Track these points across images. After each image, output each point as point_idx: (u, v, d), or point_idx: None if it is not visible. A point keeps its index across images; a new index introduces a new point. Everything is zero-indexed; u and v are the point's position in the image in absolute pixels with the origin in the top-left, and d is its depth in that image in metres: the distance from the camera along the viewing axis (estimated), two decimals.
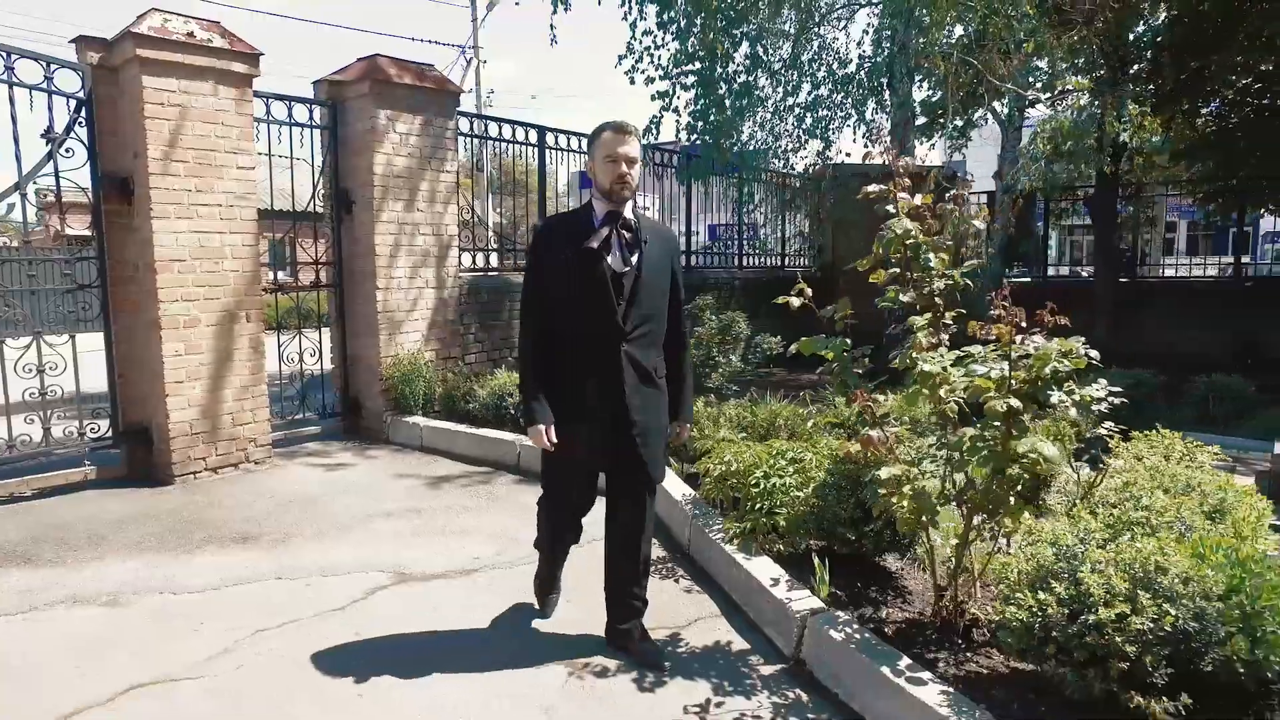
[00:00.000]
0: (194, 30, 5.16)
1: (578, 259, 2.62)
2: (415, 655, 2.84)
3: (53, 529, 4.20)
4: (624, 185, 2.64)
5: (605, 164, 2.64)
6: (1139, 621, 2.05)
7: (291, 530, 4.20)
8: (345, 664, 2.78)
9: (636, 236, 2.69)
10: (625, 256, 2.67)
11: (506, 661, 2.81)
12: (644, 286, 2.68)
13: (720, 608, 3.23)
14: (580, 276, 2.62)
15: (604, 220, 2.67)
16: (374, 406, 6.44)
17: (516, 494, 4.86)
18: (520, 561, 3.74)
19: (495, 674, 2.72)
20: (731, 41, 7.89)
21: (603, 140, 2.66)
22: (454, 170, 6.85)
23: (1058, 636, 2.14)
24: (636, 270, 2.67)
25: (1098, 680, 2.11)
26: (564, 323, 2.66)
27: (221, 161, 5.30)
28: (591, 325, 2.65)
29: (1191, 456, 3.76)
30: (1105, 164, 9.17)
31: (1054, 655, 2.18)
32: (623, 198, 2.66)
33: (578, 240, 2.64)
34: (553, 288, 2.67)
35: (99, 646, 2.91)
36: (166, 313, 5.07)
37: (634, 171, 2.67)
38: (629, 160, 2.65)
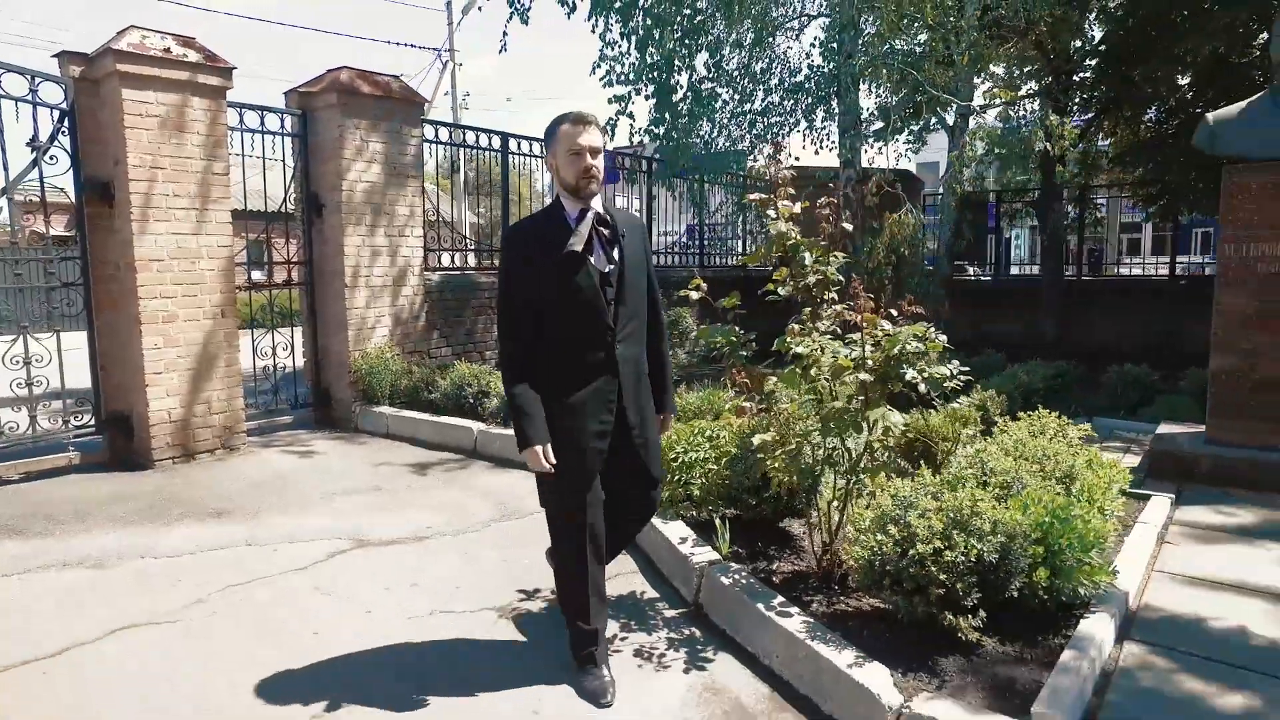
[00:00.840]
0: (170, 46, 5.54)
1: (559, 263, 2.48)
2: (366, 603, 3.27)
3: (40, 507, 4.58)
4: (590, 179, 2.52)
5: (569, 158, 2.51)
6: (951, 555, 2.51)
7: (262, 506, 4.60)
8: (303, 612, 3.20)
9: (614, 231, 2.59)
10: (607, 254, 2.57)
11: (442, 606, 3.23)
12: (629, 283, 2.60)
13: (639, 566, 3.68)
14: (564, 281, 2.48)
15: (579, 219, 2.54)
16: (343, 397, 6.84)
17: (471, 475, 5.29)
18: (466, 529, 4.17)
19: (434, 616, 3.15)
20: (688, 52, 8.34)
21: (562, 133, 2.54)
22: (419, 175, 7.26)
23: (890, 570, 2.60)
24: (620, 267, 2.58)
25: (921, 605, 2.58)
26: (550, 331, 2.52)
27: (197, 168, 5.68)
28: (581, 330, 2.53)
29: (1063, 433, 4.23)
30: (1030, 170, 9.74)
31: (889, 586, 2.64)
32: (591, 192, 2.54)
33: (554, 243, 2.49)
34: (533, 296, 2.51)
35: (85, 600, 3.31)
36: (146, 309, 5.44)
37: (598, 162, 2.54)
38: (593, 151, 2.52)
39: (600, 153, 2.56)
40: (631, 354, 2.63)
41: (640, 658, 2.83)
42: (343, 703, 2.51)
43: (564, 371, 2.54)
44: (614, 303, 2.57)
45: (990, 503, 2.70)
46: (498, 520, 4.35)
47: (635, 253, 2.65)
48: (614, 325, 2.56)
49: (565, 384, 2.54)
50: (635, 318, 2.65)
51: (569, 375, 2.54)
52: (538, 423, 2.49)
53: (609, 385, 2.56)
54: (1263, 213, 4.66)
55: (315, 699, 2.53)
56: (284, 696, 2.55)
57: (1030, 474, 3.34)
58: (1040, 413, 4.46)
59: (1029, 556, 2.66)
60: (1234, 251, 4.78)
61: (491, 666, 2.77)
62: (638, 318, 2.66)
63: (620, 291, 2.58)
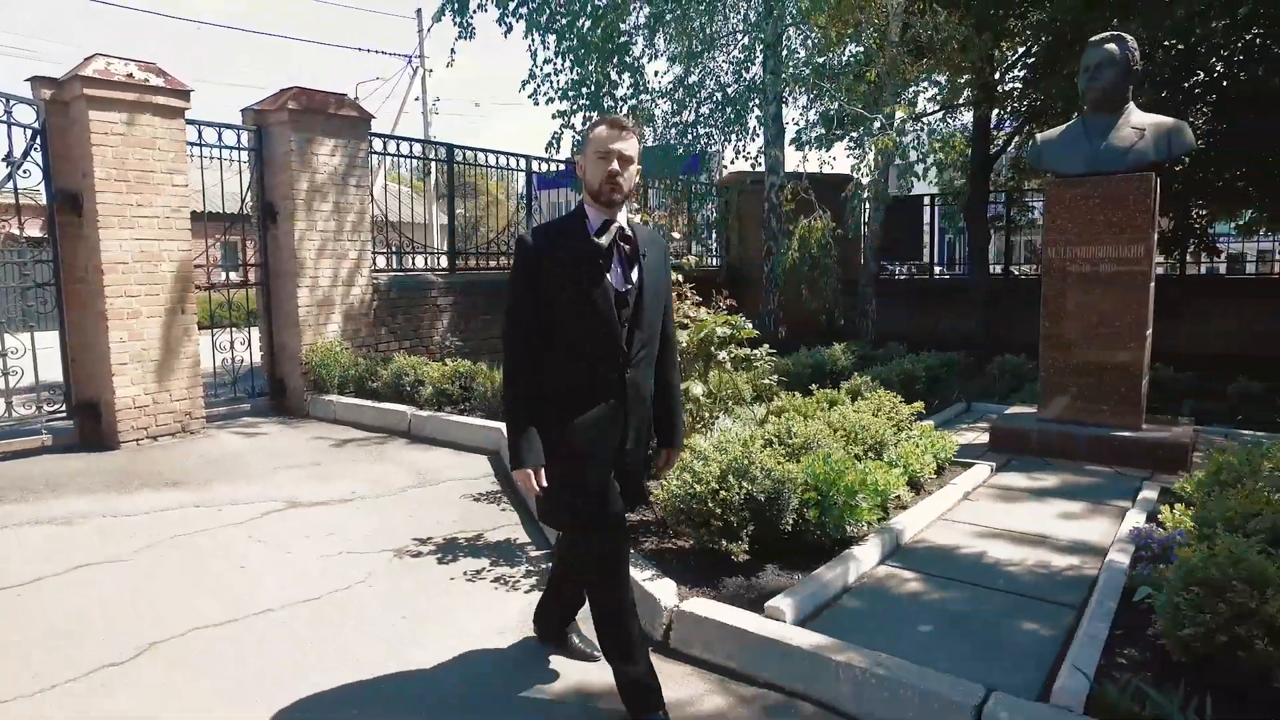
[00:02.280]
0: (133, 71, 6.20)
1: (575, 275, 2.35)
2: (287, 547, 3.97)
3: (16, 480, 5.25)
4: (615, 187, 2.36)
5: (595, 161, 2.35)
6: (726, 495, 3.25)
7: (213, 478, 5.29)
8: (234, 553, 3.90)
9: (635, 249, 2.44)
10: (626, 273, 2.43)
11: (349, 549, 3.94)
12: (646, 305, 2.44)
13: (522, 519, 4.40)
14: (577, 295, 2.35)
15: (600, 230, 2.39)
16: (296, 387, 7.52)
17: (401, 452, 6.00)
18: (385, 494, 4.88)
19: (341, 555, 3.85)
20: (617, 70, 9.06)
21: (595, 135, 2.39)
22: (367, 185, 7.95)
23: (682, 507, 3.34)
24: (638, 288, 2.43)
25: (705, 535, 3.32)
26: (559, 346, 2.39)
27: (159, 180, 6.35)
28: (591, 348, 2.38)
29: (896, 409, 4.99)
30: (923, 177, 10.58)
31: (684, 522, 3.38)
32: (614, 201, 2.39)
33: (571, 252, 2.37)
34: (543, 306, 2.37)
35: (54, 547, 3.99)
36: (112, 307, 6.10)
37: (629, 172, 2.38)
38: (623, 159, 2.35)
39: (632, 163, 2.39)
40: (643, 379, 2.49)
41: (500, 583, 3.55)
42: (252, 611, 3.22)
43: (570, 390, 2.39)
44: (628, 324, 2.40)
45: (768, 456, 3.44)
46: (414, 487, 5.06)
47: (655, 274, 2.50)
48: (626, 348, 2.40)
49: (571, 404, 2.39)
50: (650, 343, 2.49)
51: (575, 394, 2.39)
52: (534, 444, 2.36)
53: (616, 409, 2.42)
54: (1074, 220, 5.44)
55: (232, 606, 3.23)
56: (207, 605, 3.25)
57: (836, 440, 4.09)
58: (882, 394, 5.21)
59: (800, 498, 3.41)
60: (1054, 254, 5.56)
61: (373, 586, 3.48)
62: (652, 342, 2.51)
63: (636, 313, 2.42)
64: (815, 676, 2.56)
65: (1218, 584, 2.31)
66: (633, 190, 2.47)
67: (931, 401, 7.24)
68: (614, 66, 8.93)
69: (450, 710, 2.53)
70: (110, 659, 2.83)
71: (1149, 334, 5.44)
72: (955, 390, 7.63)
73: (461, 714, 2.52)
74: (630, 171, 2.40)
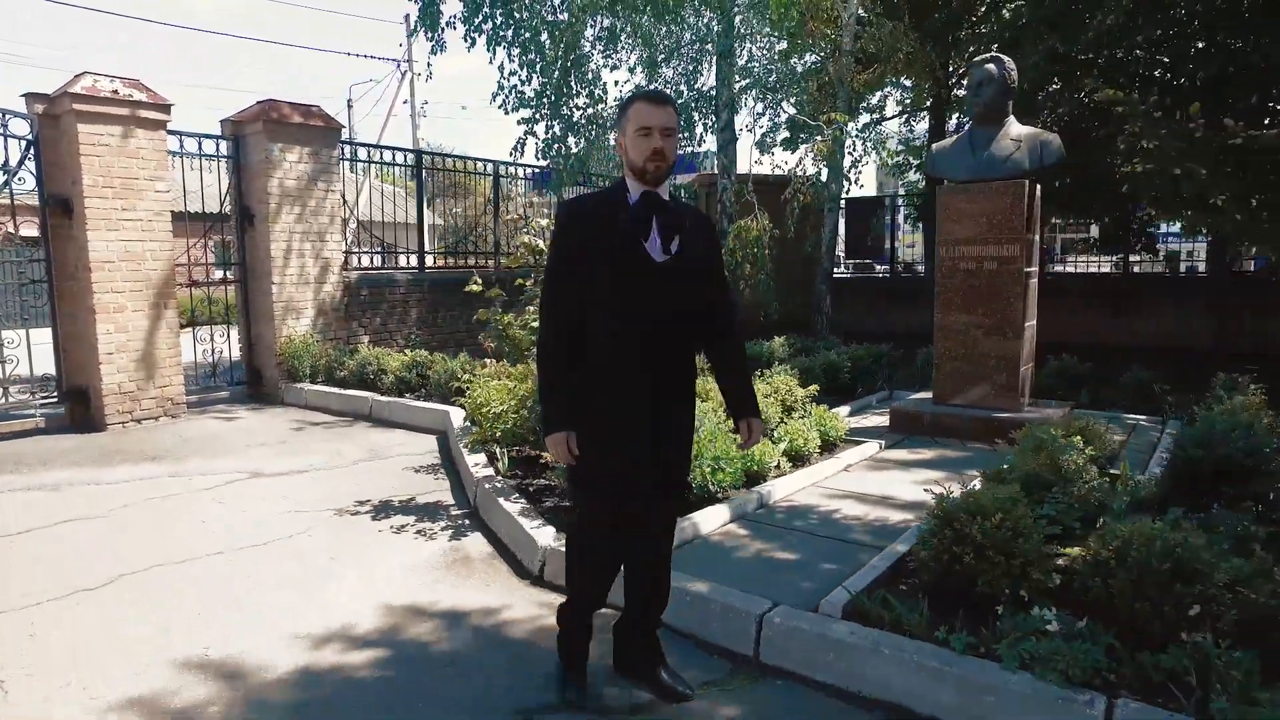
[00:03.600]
0: (118, 88, 6.82)
1: (612, 247, 2.34)
2: (245, 507, 4.60)
3: (11, 455, 5.88)
4: (659, 161, 2.33)
5: (637, 138, 2.33)
6: None
7: (188, 454, 5.93)
8: (198, 511, 4.53)
9: (676, 222, 2.40)
10: (665, 245, 2.38)
11: (298, 509, 4.56)
12: (684, 277, 2.41)
13: (451, 486, 5.03)
14: (615, 267, 2.34)
15: (639, 203, 2.37)
16: (271, 376, 8.15)
17: (359, 432, 6.63)
18: (338, 466, 5.52)
19: (290, 513, 4.48)
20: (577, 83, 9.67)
21: (634, 111, 2.36)
22: (338, 189, 8.57)
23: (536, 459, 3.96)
24: (677, 260, 2.40)
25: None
26: (595, 320, 2.36)
27: (142, 186, 6.97)
28: (627, 322, 2.35)
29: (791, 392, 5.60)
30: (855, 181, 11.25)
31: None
32: (658, 176, 2.36)
33: (610, 224, 2.35)
34: (580, 279, 2.36)
35: (43, 507, 4.62)
36: (99, 302, 6.73)
37: (669, 145, 2.35)
38: (665, 132, 2.33)
39: (673, 135, 2.37)
40: (681, 354, 2.46)
41: (419, 535, 4.17)
42: (205, 554, 3.85)
43: (605, 366, 2.37)
44: (665, 297, 2.38)
45: None
46: (365, 461, 5.69)
47: (697, 248, 2.47)
48: (665, 319, 2.39)
49: (605, 380, 2.37)
50: (689, 317, 2.46)
51: (610, 370, 2.37)
52: (565, 407, 2.36)
53: (650, 385, 2.38)
54: (960, 223, 6.05)
55: (190, 550, 3.86)
56: (168, 548, 3.88)
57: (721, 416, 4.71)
58: (779, 379, 5.82)
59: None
60: (944, 253, 6.18)
61: (312, 536, 4.11)
62: (692, 317, 2.47)
63: (674, 286, 2.39)
64: None
65: (950, 515, 2.93)
66: (675, 162, 2.44)
67: (857, 390, 7.89)
68: (574, 78, 9.53)
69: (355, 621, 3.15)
70: (84, 586, 3.47)
71: (1028, 325, 6.06)
72: (880, 379, 8.25)
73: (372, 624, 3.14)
74: (671, 144, 2.37)
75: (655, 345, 2.39)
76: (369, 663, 2.82)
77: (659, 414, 2.41)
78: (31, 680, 2.68)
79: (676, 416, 2.48)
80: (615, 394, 2.37)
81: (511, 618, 3.17)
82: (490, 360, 4.47)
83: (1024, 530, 2.82)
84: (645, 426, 2.38)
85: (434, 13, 10.15)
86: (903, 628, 2.73)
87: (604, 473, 2.41)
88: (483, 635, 3.04)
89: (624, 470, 2.40)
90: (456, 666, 2.80)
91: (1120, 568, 2.64)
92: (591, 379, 2.38)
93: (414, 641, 2.98)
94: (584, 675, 2.61)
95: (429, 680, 2.70)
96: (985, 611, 2.75)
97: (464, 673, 2.75)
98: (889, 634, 2.71)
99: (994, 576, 2.78)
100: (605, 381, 2.38)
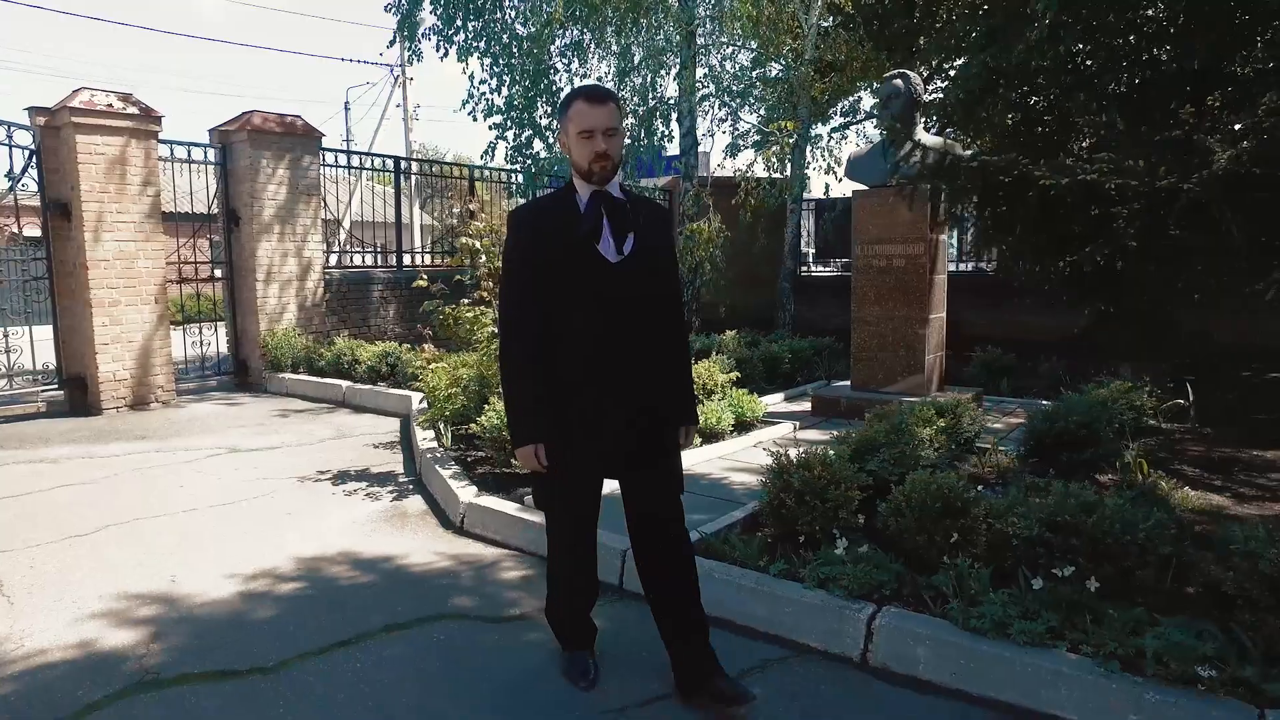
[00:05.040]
0: (113, 102, 7.48)
1: (566, 251, 2.33)
2: (220, 475, 5.25)
3: (15, 434, 6.55)
4: (606, 161, 2.30)
5: (580, 141, 2.29)
6: None
7: (174, 433, 6.58)
8: (178, 478, 5.18)
9: (629, 219, 2.38)
10: (619, 245, 2.36)
11: (265, 477, 5.20)
12: (641, 276, 2.39)
13: (404, 459, 5.68)
14: (570, 272, 2.33)
15: (590, 203, 2.35)
16: (256, 366, 8.81)
17: (332, 416, 7.29)
18: (308, 444, 6.17)
19: (258, 480, 5.12)
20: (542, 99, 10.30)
21: (574, 112, 2.31)
22: (318, 194, 9.22)
23: (493, 437, 4.60)
24: (631, 258, 2.37)
25: (501, 459, 4.57)
26: (553, 324, 2.35)
27: (134, 191, 7.63)
28: (586, 325, 2.34)
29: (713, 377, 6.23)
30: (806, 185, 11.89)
31: (491, 448, 4.64)
32: (605, 177, 2.34)
33: (560, 228, 2.34)
34: (535, 285, 2.36)
35: (44, 476, 5.28)
36: (95, 297, 7.39)
37: (614, 144, 2.31)
38: (608, 132, 2.29)
39: (617, 133, 2.33)
40: (642, 352, 2.41)
41: (367, 497, 4.81)
42: (181, 510, 4.50)
43: (565, 370, 2.36)
44: (622, 297, 2.36)
45: None
46: (332, 439, 6.34)
47: (652, 245, 2.44)
48: (623, 321, 2.37)
49: (568, 383, 2.35)
50: (648, 314, 2.43)
51: (572, 373, 2.35)
52: (532, 419, 2.36)
53: (616, 387, 2.36)
54: (874, 224, 6.67)
55: (168, 506, 4.51)
56: (150, 505, 4.52)
57: None
58: (702, 366, 6.43)
59: None
60: (860, 251, 6.80)
61: (274, 497, 4.75)
62: (651, 314, 2.44)
63: (631, 285, 2.37)
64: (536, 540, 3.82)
65: (783, 469, 3.56)
66: (621, 159, 2.41)
67: (796, 379, 8.52)
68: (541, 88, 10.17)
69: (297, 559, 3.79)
70: (76, 533, 4.12)
71: (934, 317, 6.68)
72: (821, 370, 8.86)
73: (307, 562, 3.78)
74: (615, 142, 2.32)
75: (617, 346, 2.36)
76: (297, 588, 3.46)
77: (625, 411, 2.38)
78: (31, 597, 3.33)
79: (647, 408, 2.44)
80: (583, 395, 2.36)
81: (423, 559, 3.81)
82: (428, 346, 5.12)
83: (838, 479, 3.45)
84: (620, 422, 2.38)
85: (412, 24, 10.82)
86: (736, 559, 3.36)
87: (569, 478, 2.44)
88: (394, 569, 3.68)
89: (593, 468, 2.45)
90: (365, 590, 3.44)
91: (908, 508, 3.27)
92: (556, 386, 2.36)
93: (338, 574, 3.62)
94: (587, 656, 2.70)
95: (337, 598, 3.35)
96: (811, 548, 3.38)
97: (368, 594, 3.40)
98: (723, 563, 3.34)
99: (811, 518, 3.41)
100: (572, 383, 2.36)
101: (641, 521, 2.56)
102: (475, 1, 10.29)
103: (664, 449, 2.52)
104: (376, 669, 2.77)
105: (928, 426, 4.52)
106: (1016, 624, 2.69)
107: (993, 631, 2.71)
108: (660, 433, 2.50)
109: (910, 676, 2.77)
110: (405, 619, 3.15)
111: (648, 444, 2.46)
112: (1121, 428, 5.03)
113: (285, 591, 3.42)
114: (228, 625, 3.10)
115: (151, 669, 2.75)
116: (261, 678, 2.70)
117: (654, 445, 2.48)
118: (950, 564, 3.04)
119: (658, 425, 2.49)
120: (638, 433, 2.43)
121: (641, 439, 2.44)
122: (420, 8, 10.72)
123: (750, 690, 2.50)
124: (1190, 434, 5.89)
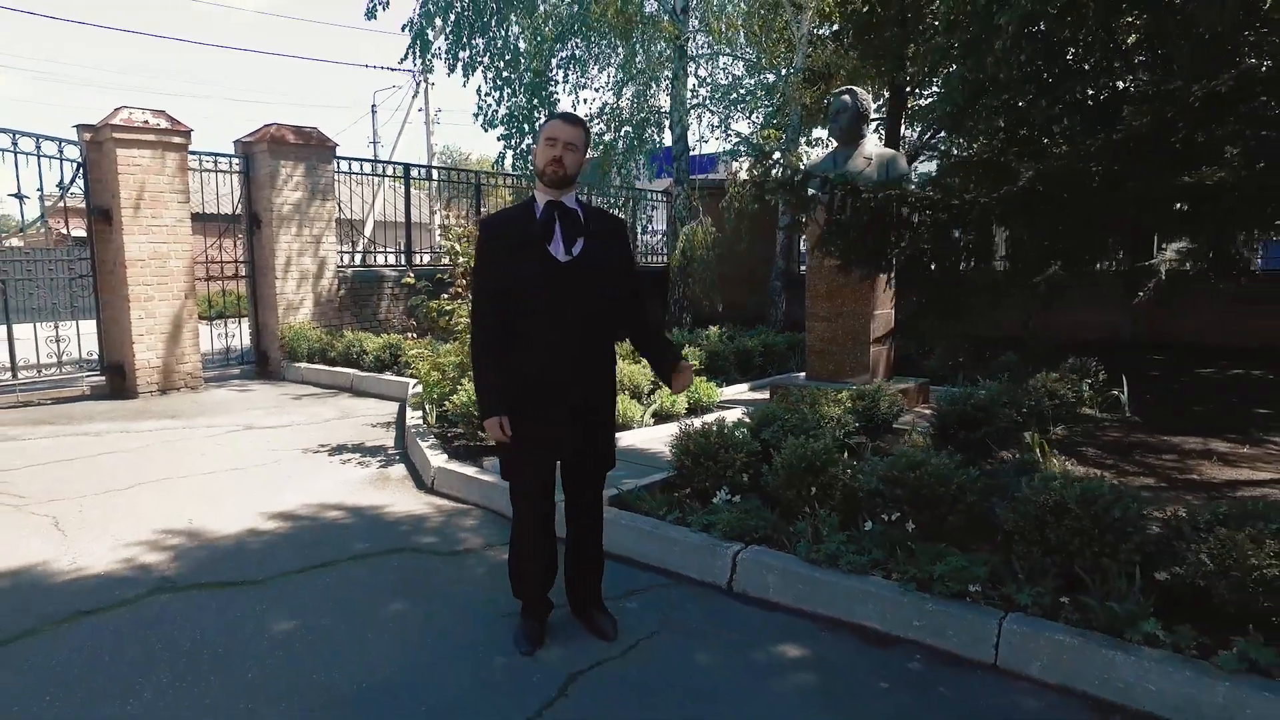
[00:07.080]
0: (148, 119, 8.39)
1: (520, 250, 2.67)
2: (237, 446, 6.09)
3: (64, 413, 7.48)
4: (557, 166, 2.66)
5: (544, 146, 2.68)
6: None
7: (199, 413, 7.47)
8: (201, 448, 6.04)
9: (580, 225, 2.71)
10: (568, 246, 2.68)
11: (276, 449, 6.03)
12: (588, 275, 2.70)
13: (396, 436, 6.48)
14: (524, 267, 2.66)
15: (545, 209, 2.70)
16: (275, 357, 9.70)
17: (339, 400, 8.14)
18: (315, 423, 7.00)
19: (270, 451, 5.95)
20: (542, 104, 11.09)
21: (548, 125, 2.72)
22: (334, 199, 10.09)
23: (461, 413, 5.37)
24: (580, 259, 2.69)
25: (468, 430, 5.34)
26: (514, 316, 2.68)
27: (167, 198, 8.53)
28: (538, 317, 2.67)
29: None
30: None
31: (461, 424, 5.40)
32: (556, 180, 2.69)
33: (517, 231, 2.70)
34: (498, 282, 2.70)
35: (88, 445, 6.16)
36: (132, 293, 8.31)
37: (570, 157, 2.67)
38: (567, 144, 2.66)
39: (575, 149, 2.69)
40: (591, 344, 2.77)
41: (358, 465, 5.62)
42: (201, 472, 5.33)
43: (524, 357, 2.69)
44: (570, 293, 2.68)
45: None
46: (337, 419, 7.17)
47: (603, 249, 2.77)
48: (570, 315, 2.69)
49: (523, 369, 2.69)
50: (597, 311, 2.76)
51: (529, 360, 2.69)
52: (496, 394, 2.71)
53: (565, 373, 2.70)
54: None
55: (190, 469, 5.35)
56: (176, 468, 5.37)
57: None
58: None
59: None
60: (813, 251, 7.46)
61: (279, 464, 5.57)
62: (601, 311, 2.77)
63: (578, 283, 2.69)
64: (489, 496, 4.59)
65: (687, 435, 4.28)
66: (575, 175, 2.74)
67: (768, 370, 9.19)
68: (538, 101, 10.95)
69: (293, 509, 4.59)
70: (114, 488, 4.97)
71: (879, 313, 7.32)
72: (794, 363, 9.52)
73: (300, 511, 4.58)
74: (572, 157, 2.69)
75: (566, 334, 2.70)
76: (289, 528, 4.27)
77: (576, 396, 2.74)
78: (80, 531, 4.18)
79: (594, 400, 2.82)
80: (535, 381, 2.71)
81: (395, 510, 4.59)
82: (413, 335, 5.93)
83: (730, 445, 4.16)
84: (564, 408, 2.73)
85: (424, 41, 11.65)
86: (644, 510, 4.09)
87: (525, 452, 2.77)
88: (370, 517, 4.47)
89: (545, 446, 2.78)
90: (344, 530, 4.23)
91: (783, 468, 3.97)
92: (515, 369, 2.71)
93: (324, 519, 4.42)
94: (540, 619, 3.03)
95: (320, 536, 4.14)
96: (706, 501, 4.09)
97: (346, 533, 4.18)
98: (630, 513, 4.07)
99: (704, 476, 4.13)
100: (526, 370, 2.70)
101: (572, 489, 3.02)
102: (482, 19, 11.11)
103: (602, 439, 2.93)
104: (343, 583, 3.56)
105: (837, 407, 5.20)
106: (845, 557, 3.40)
107: (825, 563, 3.41)
108: (598, 423, 2.88)
109: (762, 599, 3.48)
110: (373, 551, 3.94)
111: (589, 434, 2.84)
112: (1042, 412, 5.68)
113: (279, 530, 4.23)
114: (232, 552, 3.91)
115: (170, 579, 3.56)
116: (253, 586, 3.50)
117: (593, 435, 2.87)
118: (811, 514, 3.74)
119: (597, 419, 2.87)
120: (582, 425, 2.80)
121: (584, 430, 2.81)
122: (432, 26, 11.57)
123: (613, 630, 3.04)
124: (1119, 423, 6.46)
